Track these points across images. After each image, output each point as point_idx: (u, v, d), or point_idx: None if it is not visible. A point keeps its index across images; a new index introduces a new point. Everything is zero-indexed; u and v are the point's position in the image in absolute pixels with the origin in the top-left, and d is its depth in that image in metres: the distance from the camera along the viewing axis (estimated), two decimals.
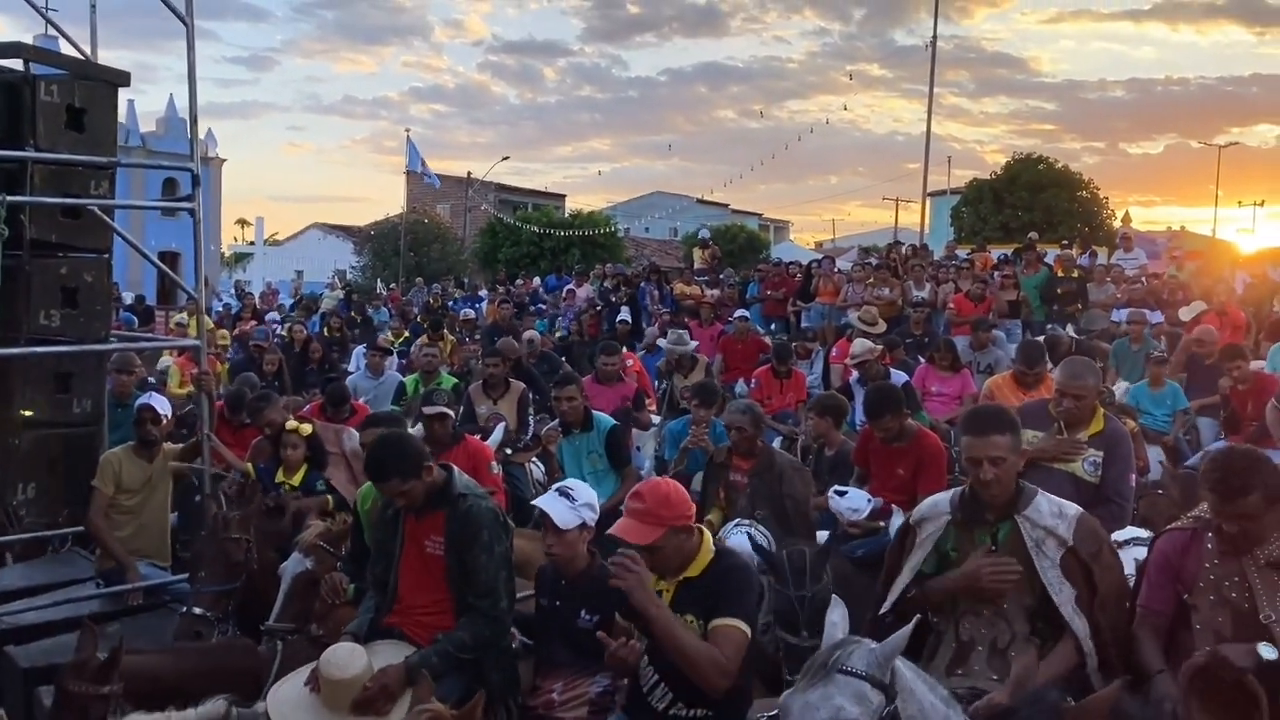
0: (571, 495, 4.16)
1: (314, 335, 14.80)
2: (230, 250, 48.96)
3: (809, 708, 2.87)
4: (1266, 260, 18.88)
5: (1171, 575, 3.62)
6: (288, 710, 3.66)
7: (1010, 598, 3.60)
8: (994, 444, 3.54)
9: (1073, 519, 3.59)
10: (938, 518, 3.77)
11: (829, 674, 2.91)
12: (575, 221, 38.52)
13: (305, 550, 5.09)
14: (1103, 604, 3.52)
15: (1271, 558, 3.36)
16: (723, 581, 3.61)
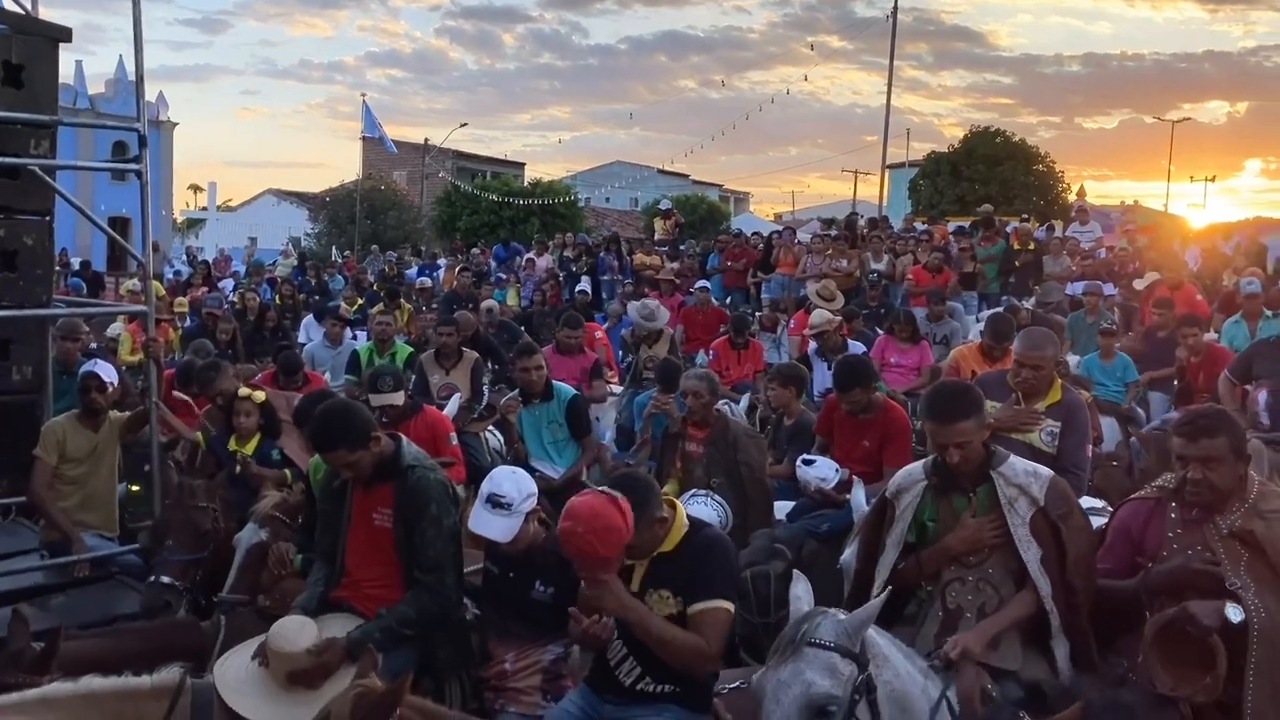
0: (504, 501, 3.95)
1: (267, 303, 14.59)
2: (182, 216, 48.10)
3: (781, 686, 2.88)
4: (1217, 234, 19.16)
5: (1130, 543, 3.67)
6: (235, 683, 3.58)
7: (995, 562, 3.62)
8: (958, 430, 3.56)
9: (1045, 480, 3.62)
10: (914, 486, 3.77)
11: (798, 648, 2.92)
12: (535, 191, 38.24)
13: (260, 521, 5.00)
14: (1075, 566, 3.54)
15: (1234, 527, 3.40)
16: (701, 560, 3.54)
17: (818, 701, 2.83)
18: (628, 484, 3.55)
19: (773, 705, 2.86)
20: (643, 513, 3.44)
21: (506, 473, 4.12)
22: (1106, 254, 16.07)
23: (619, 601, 3.43)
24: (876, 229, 18.71)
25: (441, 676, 4.04)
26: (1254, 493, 3.45)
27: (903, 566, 3.71)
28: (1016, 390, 5.01)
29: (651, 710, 3.55)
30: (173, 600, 4.79)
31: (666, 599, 3.52)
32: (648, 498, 3.49)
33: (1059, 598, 3.53)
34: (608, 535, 3.31)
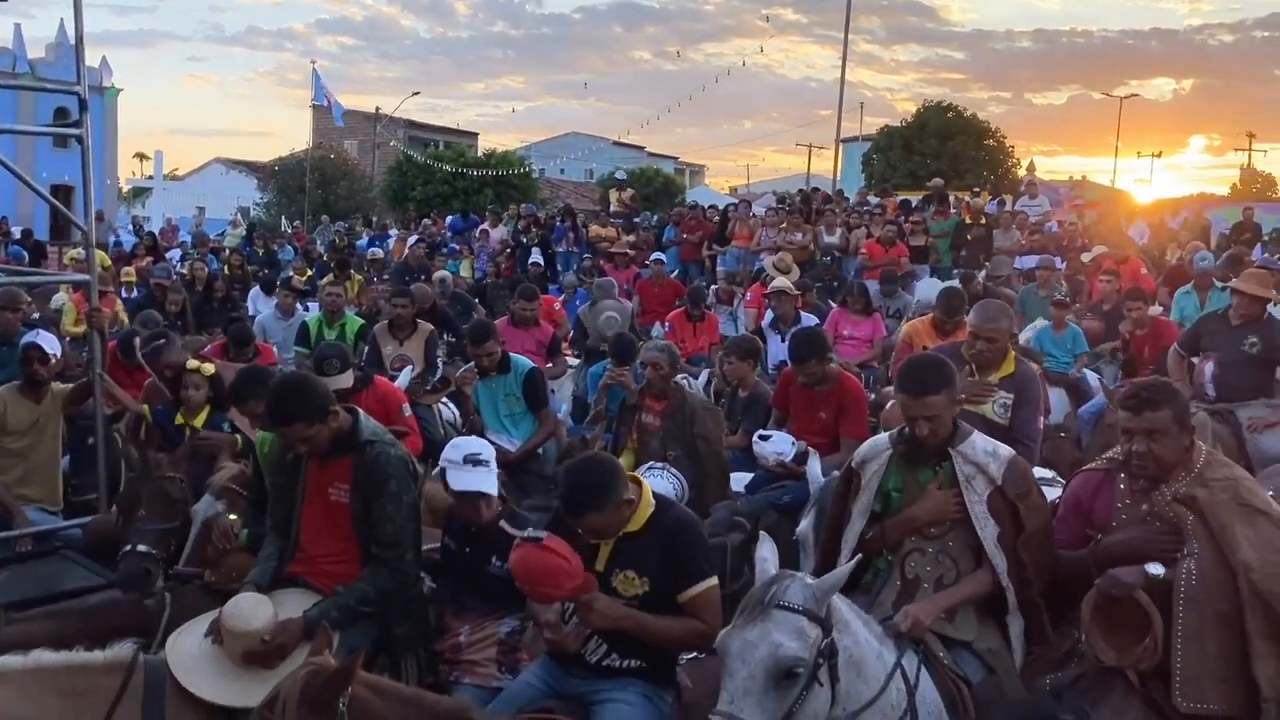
0: (482, 459, 4.03)
1: (216, 274, 14.36)
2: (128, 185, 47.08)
3: (748, 645, 2.88)
4: (1164, 210, 19.50)
5: (1081, 514, 3.74)
6: (189, 661, 3.52)
7: (955, 536, 3.66)
8: (929, 404, 3.58)
9: (1004, 459, 3.64)
10: (878, 457, 3.79)
11: (766, 610, 2.92)
12: (489, 161, 37.84)
13: (217, 493, 4.92)
14: (1027, 542, 3.58)
15: (1178, 495, 3.46)
16: (676, 544, 3.52)
17: (785, 663, 2.85)
18: (591, 469, 3.51)
19: (738, 664, 2.87)
20: (609, 498, 3.43)
21: (470, 438, 4.18)
22: (1056, 228, 16.27)
23: (609, 619, 3.46)
24: (830, 203, 18.79)
25: (398, 652, 4.00)
26: (1200, 462, 3.51)
27: (868, 536, 3.74)
28: (971, 362, 5.06)
29: (616, 684, 3.54)
30: (152, 569, 4.70)
31: (632, 579, 3.52)
32: (614, 482, 3.47)
33: (1014, 574, 3.58)
34: (559, 579, 3.37)
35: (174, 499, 4.95)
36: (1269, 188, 47.08)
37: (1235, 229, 16.85)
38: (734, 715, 2.80)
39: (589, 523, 3.46)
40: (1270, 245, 15.15)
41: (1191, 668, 3.26)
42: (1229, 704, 3.27)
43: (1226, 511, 3.38)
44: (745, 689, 2.83)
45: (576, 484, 3.47)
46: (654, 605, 3.50)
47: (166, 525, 4.87)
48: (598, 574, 3.54)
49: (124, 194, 44.16)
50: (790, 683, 2.85)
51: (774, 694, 2.83)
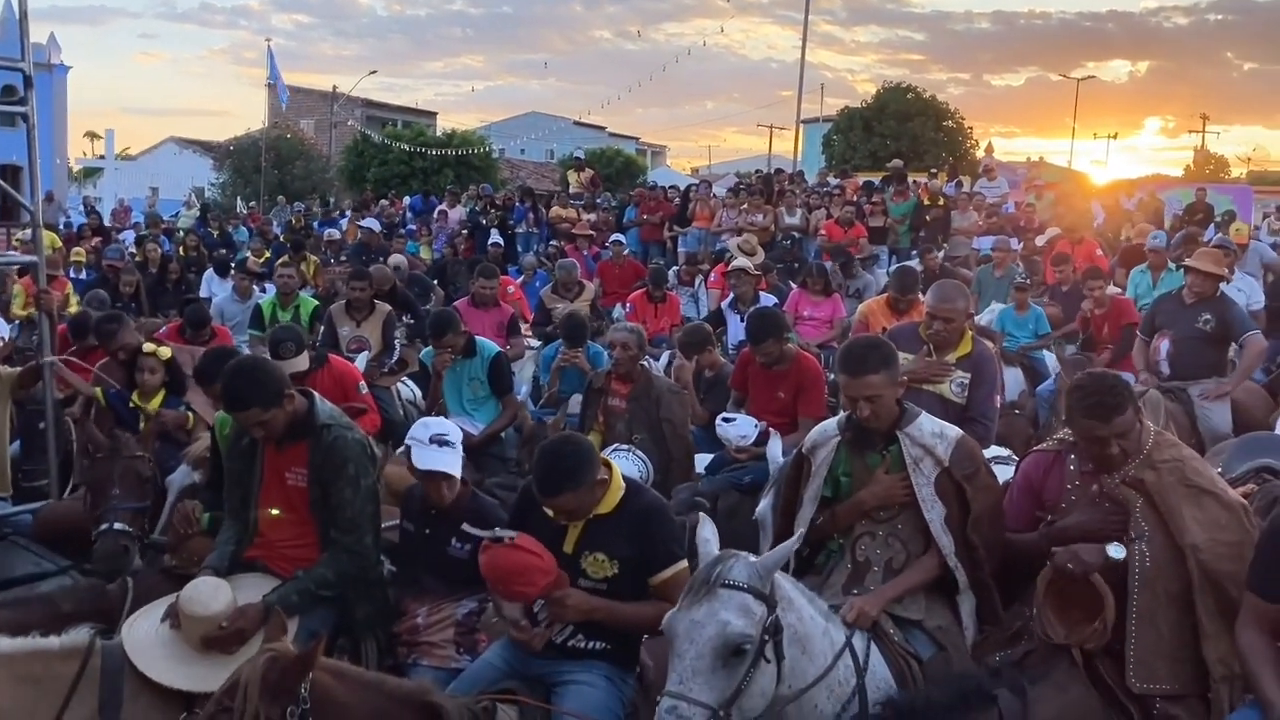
0: (448, 439, 4.03)
1: (169, 255, 14.15)
2: (79, 165, 46.13)
3: (695, 625, 2.91)
4: (1119, 191, 19.73)
5: (1032, 494, 3.76)
6: (145, 646, 3.49)
7: (905, 519, 3.67)
8: (868, 384, 3.59)
9: (952, 440, 3.66)
10: (828, 442, 3.80)
11: (712, 589, 2.95)
12: (449, 141, 37.49)
13: (194, 463, 4.89)
14: (976, 523, 3.60)
15: (1127, 477, 3.48)
16: (646, 528, 3.52)
17: (733, 641, 2.88)
18: (568, 450, 3.49)
19: (686, 644, 2.90)
20: (585, 478, 3.43)
21: (433, 419, 4.16)
22: (1013, 209, 16.42)
23: (582, 612, 3.47)
24: (792, 183, 18.85)
25: (358, 635, 3.98)
26: (1149, 443, 3.53)
27: (819, 521, 3.75)
28: (928, 342, 5.09)
29: (581, 666, 3.54)
30: (130, 546, 4.65)
31: (602, 561, 3.53)
32: (589, 462, 3.47)
33: (963, 554, 3.60)
34: (532, 576, 3.38)
35: (145, 478, 4.93)
36: (1222, 169, 47.90)
37: (1188, 209, 17.12)
38: (684, 695, 2.83)
39: (563, 503, 3.45)
40: (1223, 225, 15.37)
41: (1145, 648, 3.30)
42: (1180, 683, 3.32)
43: (1174, 493, 3.41)
44: (694, 668, 2.86)
45: (553, 464, 3.45)
46: (623, 587, 3.51)
47: (140, 504, 4.84)
48: (567, 556, 3.54)
49: (75, 174, 43.28)
50: (738, 660, 2.89)
51: (722, 672, 2.88)
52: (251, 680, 2.79)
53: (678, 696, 2.83)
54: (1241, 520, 3.45)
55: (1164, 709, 3.30)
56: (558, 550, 3.53)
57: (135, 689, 3.36)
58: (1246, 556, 3.35)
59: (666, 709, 2.83)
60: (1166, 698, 3.31)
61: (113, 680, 3.31)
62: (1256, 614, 3.16)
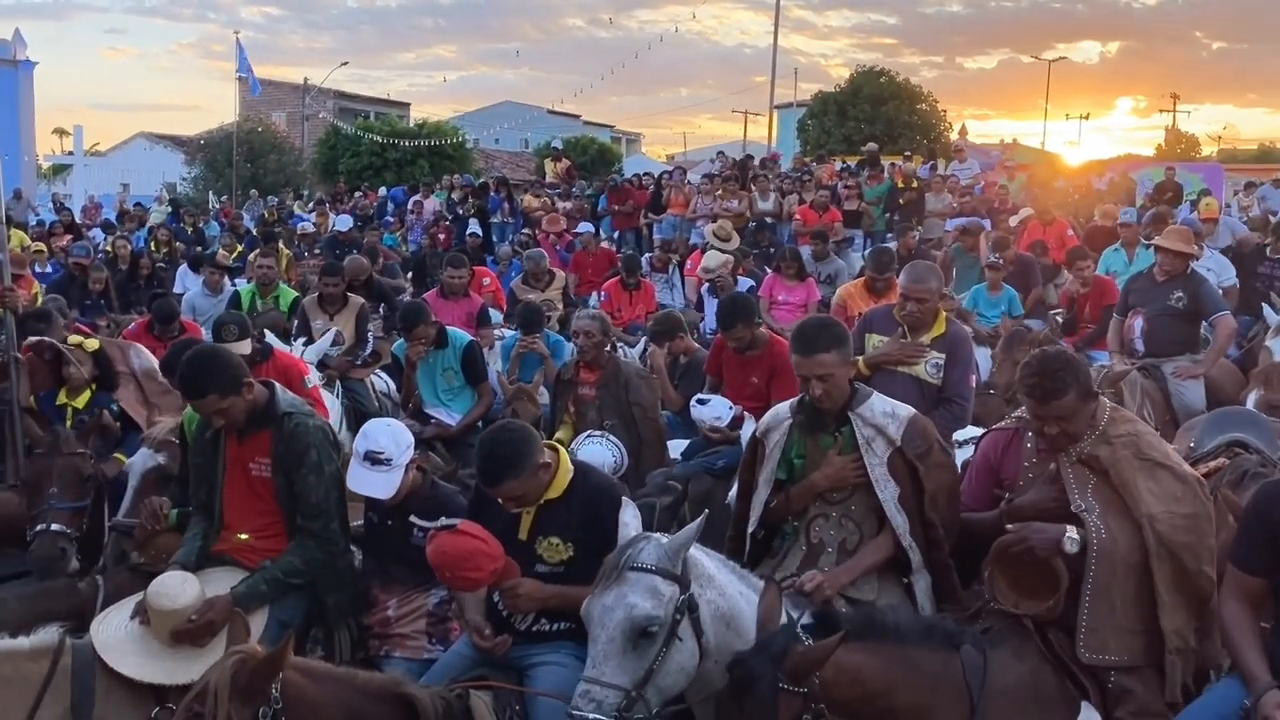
0: (382, 458, 3.91)
1: (140, 251, 13.99)
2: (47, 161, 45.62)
3: (606, 610, 3.00)
4: (1091, 171, 19.85)
5: (990, 472, 3.78)
6: (115, 642, 3.49)
7: (857, 499, 3.69)
8: (819, 362, 3.61)
9: (904, 420, 3.68)
10: (780, 425, 3.82)
11: (621, 573, 3.05)
12: (421, 131, 37.26)
13: (156, 446, 4.82)
14: (933, 501, 3.62)
15: (1083, 454, 3.50)
16: (594, 509, 3.53)
17: (640, 623, 2.96)
18: (505, 438, 3.50)
19: (598, 630, 2.99)
20: (525, 464, 3.43)
21: (381, 427, 4.05)
22: (984, 190, 16.49)
23: (536, 601, 3.51)
24: (764, 169, 18.85)
25: (331, 624, 3.98)
26: (1104, 419, 3.54)
27: (774, 504, 3.77)
28: (902, 324, 5.10)
29: (547, 648, 3.56)
30: (67, 548, 4.58)
31: (556, 545, 3.55)
32: (528, 448, 3.47)
33: (918, 534, 3.62)
34: (478, 560, 3.38)
35: (85, 476, 4.84)
36: (1193, 148, 48.21)
37: (1158, 189, 17.24)
38: (597, 679, 2.93)
39: (507, 490, 3.46)
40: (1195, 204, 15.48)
41: (1096, 620, 3.32)
42: (1130, 655, 3.34)
43: (1129, 467, 3.43)
44: (605, 652, 2.95)
45: (491, 453, 3.46)
46: (580, 569, 3.51)
47: (78, 503, 4.75)
48: (521, 542, 3.55)
49: (43, 171, 42.78)
50: (647, 642, 2.97)
51: (632, 654, 2.96)
52: (221, 683, 2.78)
53: (592, 680, 2.93)
54: (1196, 492, 3.48)
55: (1118, 681, 3.32)
56: (513, 537, 3.55)
57: (107, 686, 3.37)
58: (1202, 529, 3.41)
59: (580, 693, 2.92)
60: (1119, 669, 3.33)
61: (84, 678, 3.32)
62: (1238, 586, 3.18)
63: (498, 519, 3.56)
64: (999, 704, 3.18)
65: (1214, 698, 3.20)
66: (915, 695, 3.11)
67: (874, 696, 3.05)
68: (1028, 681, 3.29)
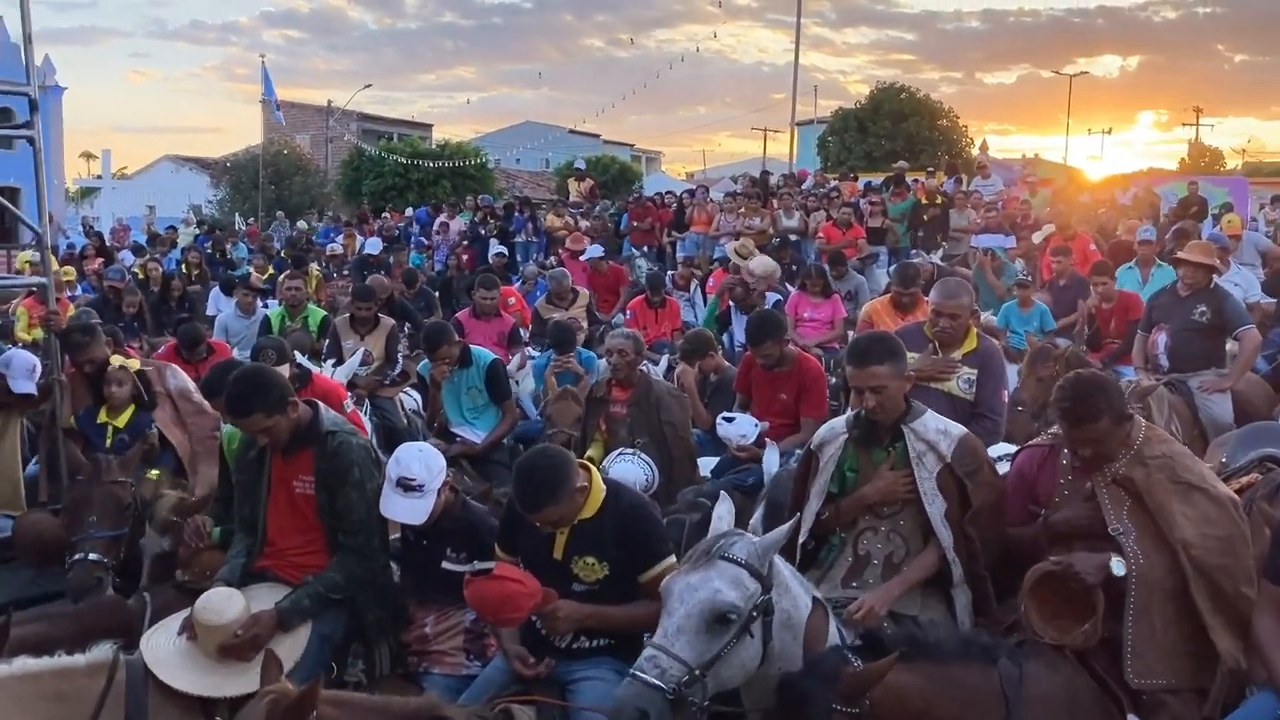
0: (415, 484, 3.92)
1: (171, 273, 14.19)
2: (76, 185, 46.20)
3: (689, 588, 3.05)
4: (1115, 186, 19.76)
5: (1026, 490, 3.81)
6: (165, 657, 3.57)
7: (906, 514, 3.74)
8: (874, 374, 3.65)
9: (956, 438, 3.73)
10: (835, 439, 3.87)
11: (711, 559, 3.10)
12: (443, 152, 37.55)
13: (161, 529, 4.84)
14: (975, 517, 3.65)
15: (1117, 475, 3.52)
16: (630, 527, 3.57)
17: (721, 608, 3.01)
18: (544, 464, 3.53)
19: (677, 604, 3.04)
20: (564, 490, 3.47)
21: (413, 452, 4.05)
22: (1005, 206, 16.46)
23: (574, 622, 3.54)
24: (787, 186, 18.89)
25: (370, 640, 4.02)
26: (1139, 439, 3.56)
27: (824, 515, 3.81)
28: (934, 340, 5.12)
29: (588, 664, 3.60)
30: (103, 576, 4.65)
31: (592, 565, 3.58)
32: (567, 473, 3.51)
33: (960, 548, 3.66)
34: (518, 602, 3.43)
35: (125, 505, 4.90)
36: (1217, 161, 47.85)
37: (1182, 203, 17.14)
38: (666, 649, 2.96)
39: (545, 516, 3.50)
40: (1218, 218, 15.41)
41: (1141, 644, 3.33)
42: (1177, 678, 3.35)
43: (1163, 491, 3.44)
44: (680, 627, 3.00)
45: (530, 479, 3.50)
46: (615, 588, 3.57)
47: (116, 532, 4.82)
48: (556, 562, 3.59)
49: (71, 194, 43.33)
50: (722, 628, 3.01)
51: (705, 635, 3.00)
52: None
53: (660, 649, 2.97)
54: (1231, 514, 3.48)
55: (1153, 696, 3.33)
56: (547, 557, 3.59)
57: (159, 701, 3.44)
58: (1237, 550, 3.41)
59: (647, 657, 2.96)
60: (1160, 690, 3.34)
61: (137, 693, 3.39)
62: (1273, 600, 3.20)
63: (531, 538, 3.61)
64: (1035, 712, 3.20)
65: (1249, 711, 3.21)
66: (956, 710, 3.14)
67: (918, 714, 3.08)
68: (1063, 692, 3.31)
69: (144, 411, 5.88)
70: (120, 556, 4.88)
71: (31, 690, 3.24)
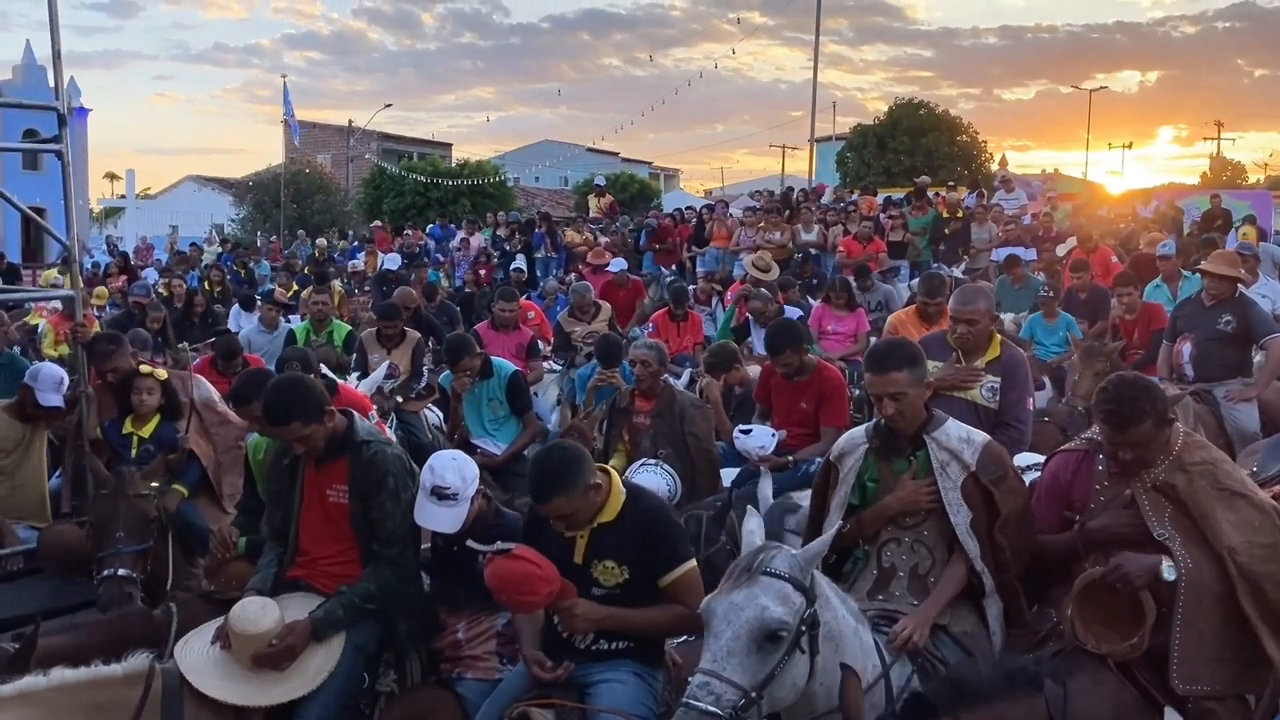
0: (449, 493, 3.92)
1: (194, 290, 14.30)
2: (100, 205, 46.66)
3: (734, 608, 2.93)
4: (1136, 199, 19.72)
5: (1060, 494, 3.74)
6: (199, 665, 3.58)
7: (930, 525, 3.68)
8: (892, 380, 3.60)
9: (979, 445, 3.66)
10: (855, 450, 3.81)
11: (754, 576, 2.98)
12: (463, 171, 37.77)
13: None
14: (1003, 526, 3.59)
15: (1157, 481, 3.46)
16: (650, 530, 3.56)
17: (771, 626, 2.90)
18: (557, 455, 3.54)
19: (723, 626, 2.91)
20: (576, 483, 3.44)
21: (447, 461, 4.05)
22: (1031, 220, 16.42)
23: (592, 621, 3.51)
24: (807, 201, 18.92)
25: (402, 650, 4.02)
26: (1178, 445, 3.50)
27: (846, 528, 3.75)
28: (956, 348, 5.09)
29: (608, 666, 3.58)
30: (133, 592, 4.68)
31: (612, 569, 3.56)
32: (579, 466, 3.49)
33: (988, 558, 3.60)
34: (534, 584, 3.41)
35: (150, 519, 4.93)
36: (1239, 175, 47.58)
37: (1205, 216, 17.06)
38: (718, 674, 2.84)
39: (557, 508, 3.47)
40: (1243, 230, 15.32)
41: (1189, 650, 3.28)
42: (1221, 684, 3.30)
43: (1206, 497, 3.39)
44: (730, 649, 2.88)
45: (543, 469, 3.50)
46: (636, 592, 3.55)
47: (143, 545, 4.86)
48: (577, 566, 3.57)
49: (95, 214, 43.76)
50: (773, 646, 2.91)
51: (756, 656, 2.89)
52: None
53: (711, 674, 2.85)
54: (1274, 521, 3.42)
55: (1198, 704, 3.29)
56: (568, 561, 3.56)
57: (194, 710, 3.46)
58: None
59: (699, 684, 2.84)
60: (1206, 697, 3.29)
61: (173, 703, 3.41)
62: None
63: (552, 543, 3.58)
64: None
65: None
66: None
67: None
68: (1109, 705, 3.26)
69: (169, 422, 5.93)
70: (148, 569, 4.91)
71: (70, 701, 3.27)
